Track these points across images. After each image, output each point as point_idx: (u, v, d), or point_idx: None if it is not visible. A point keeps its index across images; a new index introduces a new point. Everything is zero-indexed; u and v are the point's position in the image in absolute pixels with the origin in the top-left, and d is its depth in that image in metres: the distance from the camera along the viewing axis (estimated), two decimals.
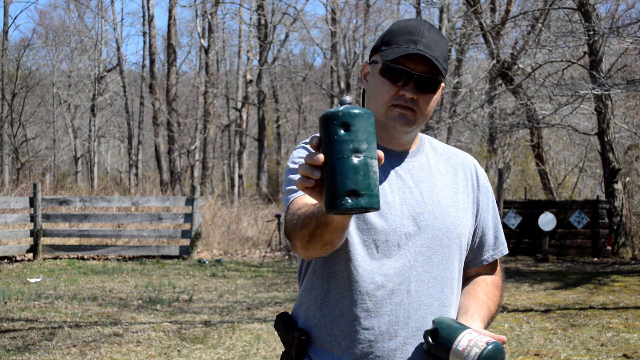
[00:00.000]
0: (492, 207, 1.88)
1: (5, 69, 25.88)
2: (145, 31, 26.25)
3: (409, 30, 1.69)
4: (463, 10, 18.78)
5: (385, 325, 1.68)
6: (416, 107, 1.69)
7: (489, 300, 1.80)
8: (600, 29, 12.00)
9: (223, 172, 33.02)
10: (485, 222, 1.85)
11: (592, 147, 17.96)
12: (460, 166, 1.84)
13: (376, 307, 1.68)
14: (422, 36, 1.68)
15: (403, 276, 1.69)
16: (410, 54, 1.65)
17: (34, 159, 27.78)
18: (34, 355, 5.71)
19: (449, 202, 1.76)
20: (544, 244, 13.00)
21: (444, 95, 20.72)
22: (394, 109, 1.70)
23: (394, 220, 1.69)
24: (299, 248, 1.57)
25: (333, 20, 23.93)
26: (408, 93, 1.67)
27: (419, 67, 1.67)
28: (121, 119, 30.96)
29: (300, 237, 1.53)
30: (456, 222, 1.75)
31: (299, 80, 29.45)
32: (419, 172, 1.77)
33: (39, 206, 12.12)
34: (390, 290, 1.68)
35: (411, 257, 1.70)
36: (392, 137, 1.75)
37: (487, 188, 1.87)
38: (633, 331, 6.67)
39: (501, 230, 1.89)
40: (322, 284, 1.72)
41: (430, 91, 1.69)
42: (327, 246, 1.51)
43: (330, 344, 1.70)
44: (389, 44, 1.70)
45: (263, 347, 6.06)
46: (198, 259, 12.34)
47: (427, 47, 1.67)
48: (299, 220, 1.53)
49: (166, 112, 22.87)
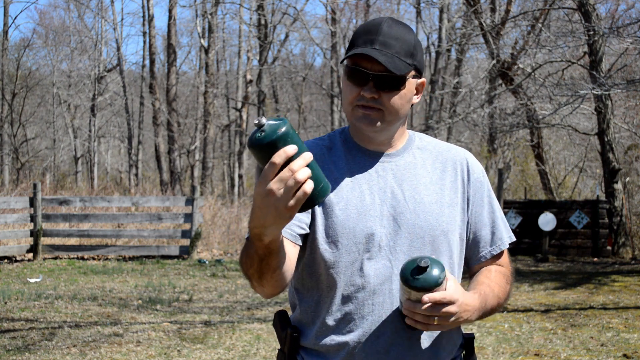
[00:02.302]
0: (488, 201, 1.83)
1: (5, 69, 25.88)
2: (145, 31, 26.24)
3: (368, 29, 1.69)
4: (463, 10, 18.78)
5: (369, 325, 1.69)
6: (381, 106, 1.69)
7: (491, 282, 1.76)
8: (600, 29, 11.99)
9: (223, 172, 33.02)
10: (478, 217, 1.81)
11: (592, 147, 17.96)
12: (450, 161, 1.82)
13: (358, 308, 1.69)
14: (380, 34, 1.67)
15: (384, 276, 1.69)
16: (363, 53, 1.65)
17: (34, 159, 27.78)
18: (34, 355, 5.71)
19: (432, 200, 1.75)
20: (544, 244, 12.99)
21: (443, 95, 20.73)
22: (358, 110, 1.70)
23: (373, 221, 1.70)
24: (256, 287, 1.64)
25: (333, 20, 23.92)
26: (367, 93, 1.67)
27: (376, 66, 1.66)
28: (121, 119, 30.95)
29: (252, 276, 1.59)
30: (440, 219, 1.73)
31: (299, 80, 29.43)
32: (402, 170, 1.77)
33: (39, 206, 12.11)
34: (371, 291, 1.69)
35: (392, 256, 1.70)
36: (366, 137, 1.76)
37: (481, 182, 1.83)
38: (633, 331, 6.67)
39: (501, 225, 1.84)
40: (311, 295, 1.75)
41: (392, 88, 1.68)
42: (277, 270, 1.56)
43: (319, 346, 1.73)
44: (351, 46, 1.71)
45: (263, 347, 6.06)
46: (198, 259, 12.34)
47: (384, 45, 1.66)
48: (247, 260, 1.58)
49: (166, 112, 22.86)
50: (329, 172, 1.73)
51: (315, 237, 1.71)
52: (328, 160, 1.76)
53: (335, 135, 1.83)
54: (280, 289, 1.65)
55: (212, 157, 25.87)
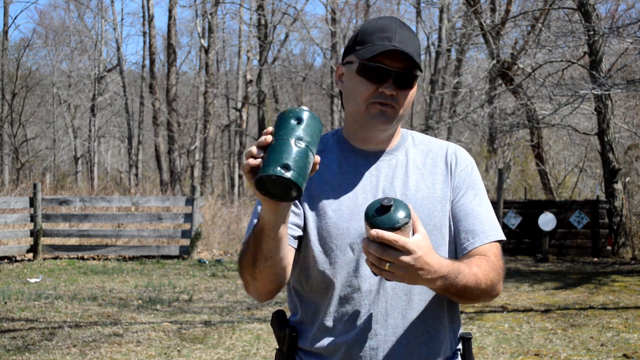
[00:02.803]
0: (474, 194, 1.77)
1: (5, 69, 25.88)
2: (145, 31, 26.25)
3: (382, 28, 1.70)
4: (463, 10, 18.78)
5: (365, 325, 1.69)
6: (395, 104, 1.70)
7: (471, 263, 1.67)
8: (600, 29, 11.99)
9: (223, 172, 33.03)
10: (461, 207, 1.76)
11: (592, 147, 17.96)
12: (441, 157, 1.81)
13: (354, 308, 1.70)
14: (396, 33, 1.69)
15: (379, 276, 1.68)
16: (386, 50, 1.66)
17: (34, 159, 27.79)
18: (34, 355, 5.71)
19: (424, 195, 1.74)
20: (544, 244, 12.99)
21: (443, 95, 20.73)
22: (375, 107, 1.70)
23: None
24: (249, 283, 1.65)
25: (333, 20, 23.92)
26: (387, 90, 1.68)
27: (396, 64, 1.67)
28: (121, 119, 30.95)
29: (246, 268, 1.62)
30: (432, 214, 1.73)
31: (299, 80, 29.43)
32: (394, 169, 1.77)
33: (39, 206, 12.12)
34: (367, 290, 1.69)
35: None
36: (371, 135, 1.76)
37: (467, 173, 1.78)
38: (633, 331, 6.67)
39: (487, 217, 1.76)
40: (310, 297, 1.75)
41: (408, 87, 1.70)
42: (269, 261, 1.58)
43: (316, 349, 1.73)
44: (363, 43, 1.71)
45: (263, 347, 6.06)
46: (198, 259, 12.34)
47: (402, 44, 1.68)
48: (243, 256, 1.63)
49: (166, 112, 22.87)
50: (320, 174, 1.74)
51: (309, 239, 1.72)
52: (320, 162, 1.75)
53: (327, 137, 1.83)
54: (272, 288, 1.65)
55: (212, 157, 25.87)
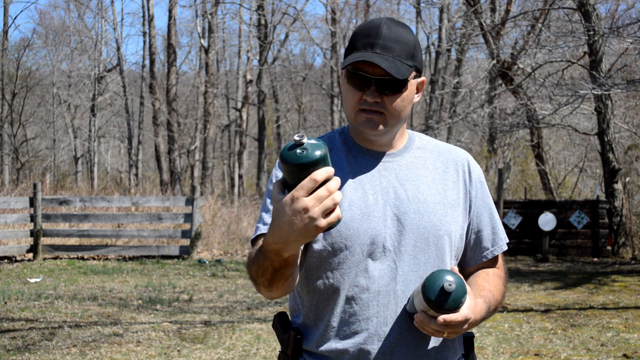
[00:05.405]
0: (488, 202, 1.84)
1: (5, 69, 25.88)
2: (145, 31, 26.25)
3: (368, 32, 1.67)
4: (463, 10, 18.78)
5: (374, 327, 1.68)
6: (383, 109, 1.68)
7: (491, 286, 1.78)
8: (600, 29, 12.00)
9: (223, 172, 33.04)
10: (480, 218, 1.82)
11: (592, 147, 17.96)
12: (452, 162, 1.81)
13: (363, 310, 1.68)
14: (380, 37, 1.66)
15: (389, 277, 1.68)
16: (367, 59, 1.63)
17: (34, 159, 27.78)
18: (34, 355, 5.71)
19: (435, 200, 1.74)
20: (544, 244, 12.99)
21: (443, 95, 20.73)
22: (361, 114, 1.69)
23: (377, 222, 1.69)
24: (263, 291, 1.65)
25: (333, 20, 23.92)
26: (370, 97, 1.66)
27: (378, 70, 1.64)
28: (121, 119, 30.95)
29: (261, 283, 1.61)
30: (443, 220, 1.73)
31: (299, 80, 29.43)
32: (404, 170, 1.76)
33: (39, 206, 12.11)
34: (376, 292, 1.68)
35: (396, 257, 1.69)
36: (368, 138, 1.76)
37: (481, 183, 1.83)
38: (633, 331, 6.67)
39: (500, 226, 1.85)
40: (314, 298, 1.74)
41: (394, 92, 1.67)
42: (289, 279, 1.58)
43: (322, 351, 1.72)
44: (350, 49, 1.70)
45: (263, 347, 6.06)
46: (198, 259, 12.34)
47: (385, 48, 1.65)
48: (259, 269, 1.59)
49: (166, 112, 22.87)
50: None
51: (319, 240, 1.70)
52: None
53: (334, 135, 1.82)
54: (287, 293, 1.67)
55: (212, 157, 25.89)
